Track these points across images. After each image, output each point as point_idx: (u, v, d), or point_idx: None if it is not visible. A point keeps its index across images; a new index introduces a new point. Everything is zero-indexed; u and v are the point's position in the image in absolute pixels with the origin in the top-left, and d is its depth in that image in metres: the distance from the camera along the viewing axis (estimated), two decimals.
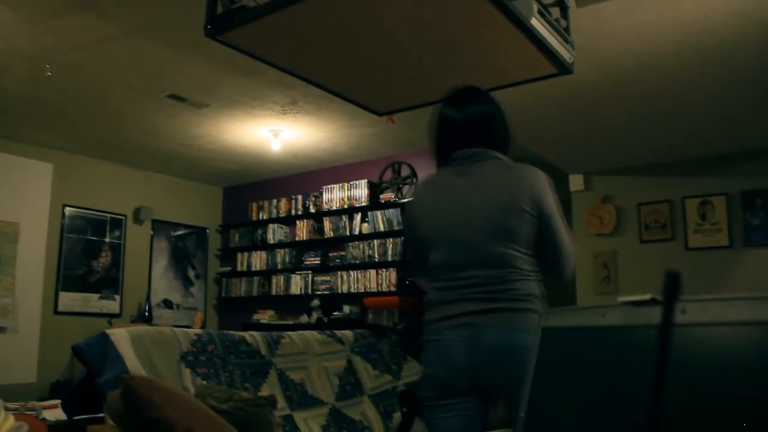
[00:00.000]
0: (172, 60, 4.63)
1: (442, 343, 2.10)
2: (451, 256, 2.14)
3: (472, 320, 2.03)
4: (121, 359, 2.75)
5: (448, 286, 2.16)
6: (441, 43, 2.32)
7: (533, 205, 2.05)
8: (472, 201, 2.10)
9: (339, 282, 7.18)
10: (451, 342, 2.07)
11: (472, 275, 2.07)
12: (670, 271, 0.48)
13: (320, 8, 2.00)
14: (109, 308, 7.18)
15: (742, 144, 6.21)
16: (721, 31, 3.92)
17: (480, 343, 2.00)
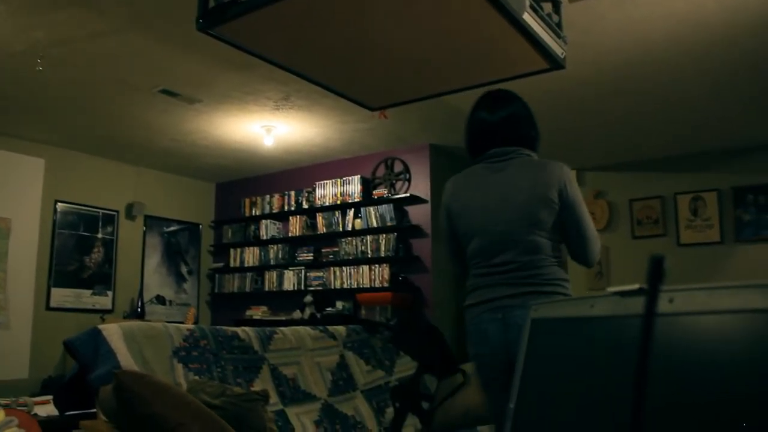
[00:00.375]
0: (165, 55, 4.61)
1: (482, 326, 2.36)
2: (488, 245, 2.36)
3: (505, 303, 2.27)
4: (114, 354, 2.74)
5: (485, 272, 2.40)
6: (433, 37, 2.32)
7: (559, 196, 2.27)
8: (506, 195, 2.33)
9: (332, 278, 7.18)
10: (488, 324, 2.33)
11: (506, 261, 2.31)
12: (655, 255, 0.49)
13: (313, 2, 2.00)
14: (102, 304, 7.16)
15: (733, 140, 6.23)
16: (713, 26, 3.93)
17: (510, 324, 2.23)
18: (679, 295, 0.55)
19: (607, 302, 0.63)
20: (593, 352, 0.63)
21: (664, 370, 0.51)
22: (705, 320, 0.52)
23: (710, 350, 0.51)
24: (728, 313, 0.50)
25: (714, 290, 0.53)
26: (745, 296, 0.49)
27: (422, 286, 6.63)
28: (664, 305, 0.55)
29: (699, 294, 0.55)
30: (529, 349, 0.72)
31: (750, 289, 0.49)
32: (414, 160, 6.93)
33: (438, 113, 5.81)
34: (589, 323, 0.65)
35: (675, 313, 0.54)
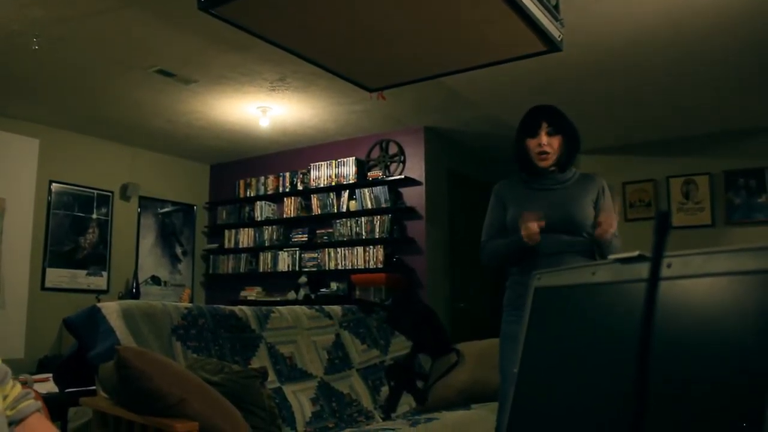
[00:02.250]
0: (161, 35, 4.61)
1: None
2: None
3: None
4: (113, 332, 2.78)
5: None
6: (431, 19, 2.33)
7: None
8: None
9: (326, 259, 7.21)
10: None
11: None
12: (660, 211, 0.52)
13: None
14: (97, 284, 7.18)
15: (725, 124, 6.28)
16: (707, 11, 3.96)
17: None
18: (676, 260, 0.59)
19: (608, 269, 0.66)
20: (595, 317, 0.67)
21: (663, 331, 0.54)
22: (702, 283, 0.55)
23: (707, 311, 0.55)
24: (724, 275, 0.54)
25: (710, 254, 0.56)
26: (739, 259, 0.52)
27: (416, 267, 6.67)
28: (663, 270, 0.58)
29: (696, 258, 0.58)
30: (532, 317, 0.76)
31: (744, 252, 0.53)
32: (409, 142, 6.95)
33: (433, 96, 5.82)
34: (590, 290, 0.68)
35: (673, 276, 0.57)
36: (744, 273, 0.51)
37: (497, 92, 5.48)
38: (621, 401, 0.56)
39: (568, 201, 2.69)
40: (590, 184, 2.76)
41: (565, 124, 2.75)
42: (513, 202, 2.80)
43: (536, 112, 2.78)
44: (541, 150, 2.69)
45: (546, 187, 2.75)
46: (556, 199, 2.71)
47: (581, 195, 2.71)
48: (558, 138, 2.71)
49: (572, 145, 2.75)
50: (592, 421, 0.60)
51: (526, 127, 2.76)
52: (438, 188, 7.01)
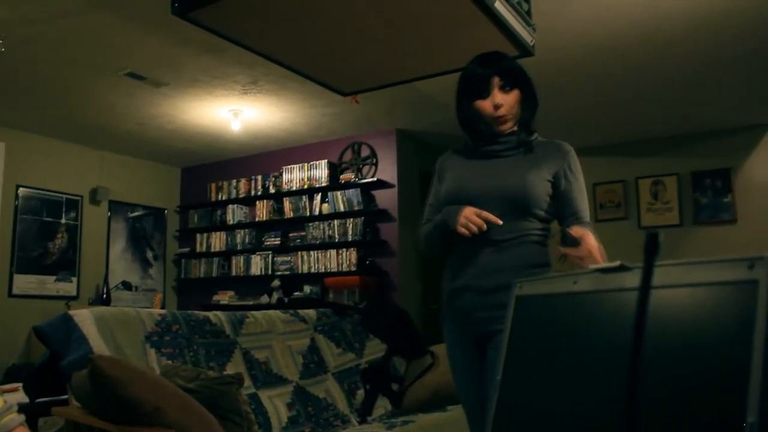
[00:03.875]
0: (132, 37, 4.56)
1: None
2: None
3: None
4: (86, 340, 2.74)
5: None
6: (405, 24, 2.35)
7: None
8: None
9: (299, 262, 7.20)
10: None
11: None
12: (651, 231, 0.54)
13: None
14: (66, 290, 7.07)
15: (691, 126, 6.39)
16: (675, 16, 4.04)
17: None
18: (657, 270, 0.60)
19: (589, 279, 0.68)
20: (578, 326, 0.68)
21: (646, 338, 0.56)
22: (679, 293, 0.57)
23: (684, 320, 0.56)
24: (700, 285, 0.55)
25: (688, 265, 0.58)
26: (715, 270, 0.54)
27: (389, 269, 6.68)
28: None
29: (674, 269, 0.60)
30: (514, 325, 0.77)
31: (719, 264, 0.54)
32: (381, 144, 6.96)
33: (405, 98, 5.84)
34: (572, 299, 0.69)
35: (653, 286, 0.59)
36: (719, 284, 0.53)
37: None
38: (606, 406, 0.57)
39: (522, 170, 2.11)
40: (553, 154, 2.15)
41: (519, 72, 2.16)
42: (450, 169, 2.28)
43: (483, 65, 2.13)
44: (499, 114, 2.11)
45: (495, 152, 2.17)
46: (506, 167, 2.14)
47: (538, 165, 2.12)
48: (515, 93, 2.13)
49: (531, 97, 2.19)
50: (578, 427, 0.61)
51: (472, 86, 2.14)
52: (410, 190, 7.03)
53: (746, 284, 0.51)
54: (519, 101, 2.14)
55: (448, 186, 2.22)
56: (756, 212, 6.17)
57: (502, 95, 2.10)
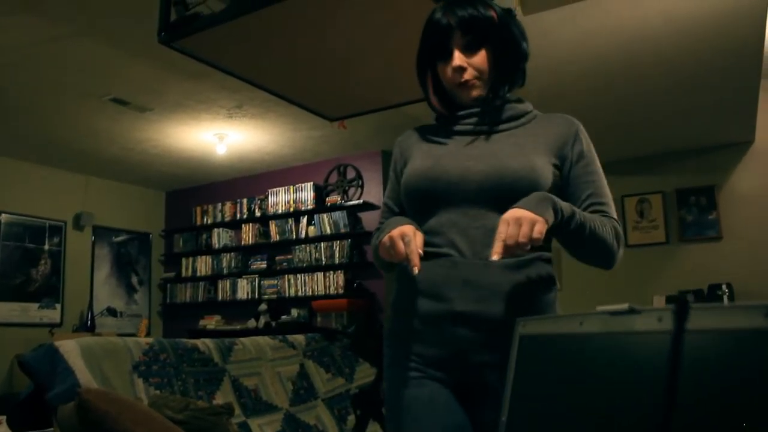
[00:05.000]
0: (116, 63, 4.54)
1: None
2: None
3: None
4: (72, 372, 2.69)
5: None
6: (391, 50, 2.35)
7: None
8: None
9: (286, 286, 7.15)
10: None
11: None
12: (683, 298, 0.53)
13: (274, 17, 2.01)
14: (50, 318, 6.98)
15: (675, 144, 6.45)
16: (659, 39, 4.09)
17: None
18: (665, 314, 0.59)
19: (596, 320, 0.67)
20: (585, 368, 0.67)
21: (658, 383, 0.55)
22: (694, 339, 0.56)
23: (696, 368, 0.55)
24: (714, 332, 0.54)
25: (701, 310, 0.57)
26: (730, 315, 0.53)
27: (377, 291, 6.66)
28: (653, 323, 0.59)
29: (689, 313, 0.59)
30: (518, 365, 0.76)
31: (734, 310, 0.53)
32: (366, 166, 6.96)
33: (390, 119, 5.84)
34: (579, 340, 0.68)
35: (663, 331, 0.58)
36: (736, 331, 0.52)
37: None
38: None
39: (507, 151, 1.50)
40: (555, 128, 1.60)
41: (487, 23, 1.52)
42: (412, 154, 1.66)
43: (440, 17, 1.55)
44: (460, 78, 1.53)
45: (469, 128, 1.58)
46: (484, 147, 1.53)
47: (533, 143, 1.53)
48: (482, 53, 1.53)
49: (512, 55, 1.57)
50: None
51: (430, 46, 1.59)
52: None
53: (762, 333, 0.50)
54: (490, 60, 1.54)
55: (414, 166, 1.58)
56: (741, 228, 6.22)
57: (463, 57, 1.53)
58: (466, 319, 1.42)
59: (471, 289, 1.42)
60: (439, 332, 1.46)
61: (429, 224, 1.51)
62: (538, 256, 1.49)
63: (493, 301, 1.41)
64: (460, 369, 1.45)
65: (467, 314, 1.41)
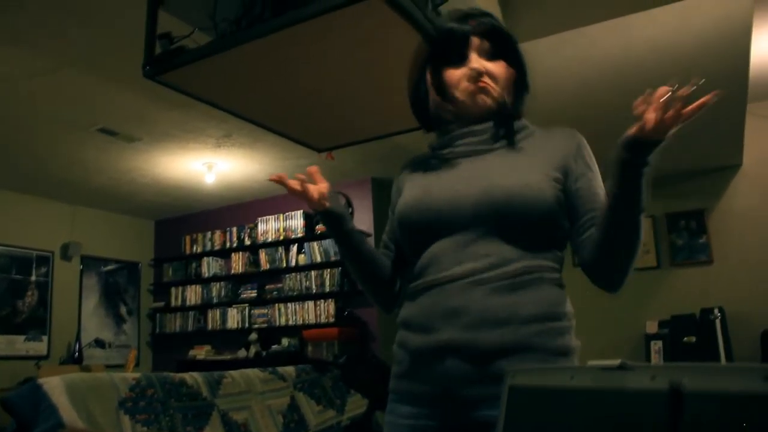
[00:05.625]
0: (103, 93, 4.53)
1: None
2: None
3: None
4: (56, 410, 2.64)
5: None
6: (381, 81, 2.34)
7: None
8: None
9: (277, 315, 7.10)
10: None
11: None
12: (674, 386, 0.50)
13: (260, 50, 2.00)
14: (36, 350, 6.89)
15: (664, 169, 6.47)
16: (645, 67, 4.12)
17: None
18: (662, 371, 0.57)
19: (587, 375, 0.64)
20: (572, 425, 0.64)
21: None
22: (690, 399, 0.54)
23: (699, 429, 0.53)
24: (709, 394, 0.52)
25: (697, 370, 0.55)
26: (729, 377, 0.51)
27: (368, 320, 6.61)
28: (646, 382, 0.57)
29: (682, 372, 0.56)
30: (507, 417, 0.73)
31: (732, 371, 0.51)
32: (356, 193, 6.95)
33: (379, 148, 5.83)
34: (568, 395, 0.66)
35: (656, 391, 0.55)
36: (733, 395, 0.50)
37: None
38: None
39: (498, 170, 1.39)
40: (555, 141, 1.48)
41: (509, 40, 1.49)
42: (410, 180, 1.58)
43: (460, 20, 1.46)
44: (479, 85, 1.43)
45: (465, 149, 1.46)
46: (475, 168, 1.42)
47: (529, 159, 1.42)
48: (502, 64, 1.46)
49: (521, 77, 1.51)
50: None
51: (441, 49, 1.48)
52: None
53: (760, 398, 0.47)
54: (508, 78, 1.46)
55: (404, 198, 1.51)
56: (731, 252, 6.22)
57: (483, 61, 1.43)
58: (454, 350, 1.28)
59: (458, 316, 1.29)
60: (429, 367, 1.33)
61: (423, 257, 1.41)
62: (539, 276, 1.34)
63: (484, 329, 1.26)
64: (452, 411, 1.30)
65: (455, 344, 1.27)
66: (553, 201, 1.34)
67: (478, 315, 1.27)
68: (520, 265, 1.31)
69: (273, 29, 1.87)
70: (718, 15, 3.53)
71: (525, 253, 1.33)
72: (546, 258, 1.37)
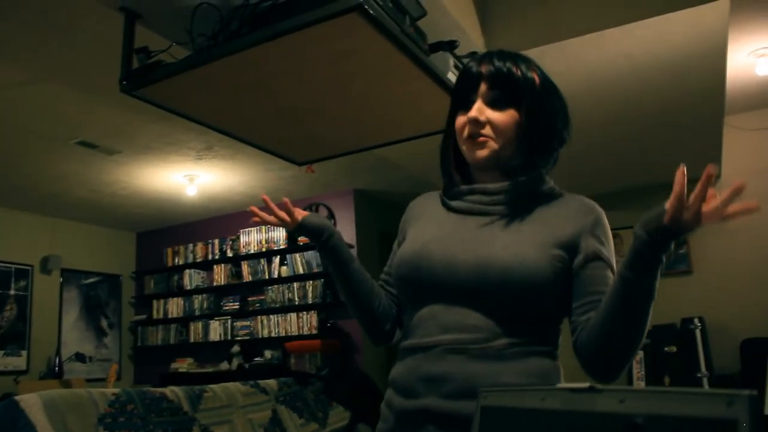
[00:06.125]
0: (81, 107, 4.51)
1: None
2: None
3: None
4: (33, 428, 2.61)
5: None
6: (360, 95, 2.35)
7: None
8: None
9: (259, 327, 7.06)
10: None
11: None
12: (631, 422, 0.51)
13: (238, 65, 2.00)
14: (15, 365, 6.80)
15: (643, 180, 6.54)
16: (624, 80, 4.17)
17: None
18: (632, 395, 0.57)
19: (558, 397, 0.65)
20: None
21: None
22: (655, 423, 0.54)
23: None
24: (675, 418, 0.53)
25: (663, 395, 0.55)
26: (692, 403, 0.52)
27: (351, 331, 6.59)
28: (614, 405, 0.57)
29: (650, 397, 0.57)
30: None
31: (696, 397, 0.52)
32: (339, 205, 6.95)
33: (361, 159, 5.86)
34: (539, 416, 0.66)
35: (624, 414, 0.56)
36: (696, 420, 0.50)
37: (423, 155, 5.57)
38: None
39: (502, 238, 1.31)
40: (569, 213, 1.39)
41: (523, 84, 1.35)
42: (416, 219, 1.51)
43: (472, 65, 1.39)
44: (470, 132, 1.35)
45: (473, 207, 1.39)
46: (479, 231, 1.34)
47: (537, 229, 1.32)
48: (510, 113, 1.35)
49: (543, 128, 1.40)
50: None
51: (458, 93, 1.42)
52: (370, 250, 6.99)
53: (724, 423, 0.48)
54: (516, 125, 1.35)
55: (404, 249, 1.43)
56: (711, 262, 6.28)
57: (486, 109, 1.35)
58: (434, 417, 1.23)
59: (440, 383, 1.24)
60: (411, 430, 1.28)
61: (414, 318, 1.36)
62: (529, 350, 1.26)
63: (465, 399, 1.17)
64: None
65: (435, 412, 1.23)
66: (550, 280, 1.26)
67: (460, 383, 1.22)
68: (507, 341, 1.24)
69: (250, 44, 1.87)
70: (694, 30, 3.58)
71: (515, 328, 1.26)
72: (538, 333, 1.29)
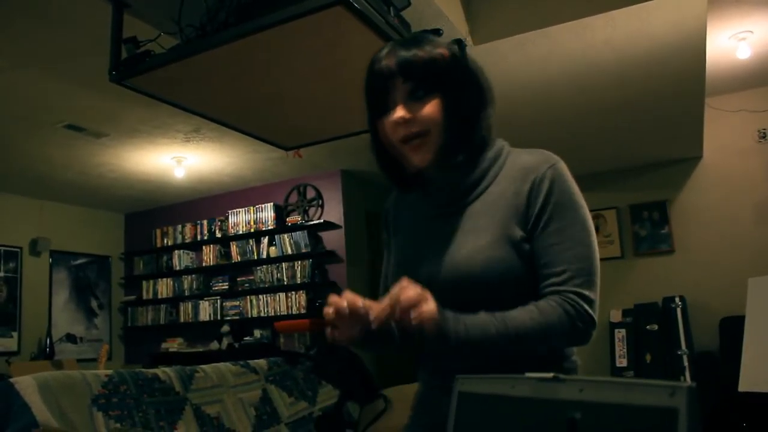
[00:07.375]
0: (68, 91, 4.51)
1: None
2: None
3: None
4: (28, 409, 2.67)
5: None
6: (343, 83, 2.39)
7: None
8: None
9: (249, 306, 7.13)
10: None
11: None
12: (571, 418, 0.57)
13: (226, 55, 2.04)
14: (6, 346, 6.84)
15: (628, 161, 6.62)
16: (606, 64, 4.24)
17: None
18: (583, 384, 0.64)
19: (526, 385, 0.71)
20: (513, 428, 0.71)
21: None
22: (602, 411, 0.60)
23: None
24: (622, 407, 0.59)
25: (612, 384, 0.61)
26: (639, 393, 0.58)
27: None
28: (575, 393, 0.63)
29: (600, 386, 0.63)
30: (456, 421, 0.80)
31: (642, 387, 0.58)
32: (326, 186, 6.99)
33: (348, 141, 5.87)
34: (509, 402, 0.72)
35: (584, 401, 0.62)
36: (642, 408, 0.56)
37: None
38: None
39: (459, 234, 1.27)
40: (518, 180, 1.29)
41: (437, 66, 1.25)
42: (399, 222, 1.48)
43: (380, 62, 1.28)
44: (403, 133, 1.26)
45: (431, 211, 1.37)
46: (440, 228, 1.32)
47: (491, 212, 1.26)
48: (433, 102, 1.25)
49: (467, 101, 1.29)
50: None
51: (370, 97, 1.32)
52: (357, 230, 7.06)
53: (666, 411, 0.54)
54: (444, 109, 1.25)
55: (396, 255, 1.44)
56: (692, 241, 6.39)
57: (408, 105, 1.25)
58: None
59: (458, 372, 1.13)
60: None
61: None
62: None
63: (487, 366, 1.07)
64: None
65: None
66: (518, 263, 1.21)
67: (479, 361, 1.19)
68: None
69: (238, 36, 1.91)
70: (674, 16, 3.64)
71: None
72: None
